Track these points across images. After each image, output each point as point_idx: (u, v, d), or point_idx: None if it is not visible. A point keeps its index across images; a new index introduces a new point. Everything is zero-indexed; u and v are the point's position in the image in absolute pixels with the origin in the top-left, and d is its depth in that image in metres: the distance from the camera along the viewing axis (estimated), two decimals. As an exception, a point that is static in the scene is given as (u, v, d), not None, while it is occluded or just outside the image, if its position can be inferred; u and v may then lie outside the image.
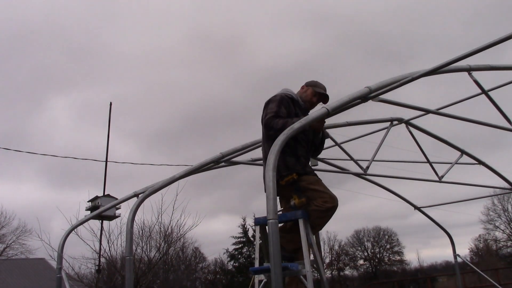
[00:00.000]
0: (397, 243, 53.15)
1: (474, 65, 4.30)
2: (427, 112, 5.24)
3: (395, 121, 5.62)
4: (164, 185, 5.31)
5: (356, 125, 5.73)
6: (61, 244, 5.68)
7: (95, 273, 15.88)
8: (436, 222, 8.11)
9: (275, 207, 2.72)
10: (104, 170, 16.57)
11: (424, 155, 6.16)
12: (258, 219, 3.75)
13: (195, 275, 43.60)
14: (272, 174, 2.78)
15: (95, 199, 16.77)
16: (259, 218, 3.74)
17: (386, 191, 7.44)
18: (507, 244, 43.43)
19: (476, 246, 46.17)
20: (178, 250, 31.51)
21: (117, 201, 6.63)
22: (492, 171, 6.96)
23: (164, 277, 30.92)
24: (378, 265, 53.03)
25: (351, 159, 5.83)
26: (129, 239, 4.97)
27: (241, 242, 42.87)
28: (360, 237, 53.55)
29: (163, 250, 17.45)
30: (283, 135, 2.99)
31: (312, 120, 3.28)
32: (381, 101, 3.83)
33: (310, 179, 3.86)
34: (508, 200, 41.39)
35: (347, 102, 3.52)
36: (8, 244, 33.71)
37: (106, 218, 15.79)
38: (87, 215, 7.27)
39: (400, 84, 3.74)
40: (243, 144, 5.36)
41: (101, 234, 15.24)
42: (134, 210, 5.04)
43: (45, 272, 27.70)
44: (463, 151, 6.45)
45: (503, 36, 3.64)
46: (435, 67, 3.78)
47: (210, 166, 5.41)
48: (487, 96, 4.70)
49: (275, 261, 2.59)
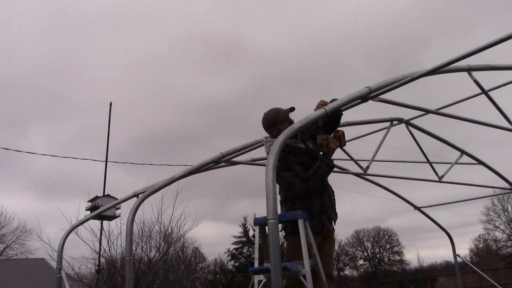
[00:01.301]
0: (397, 243, 53.20)
1: (474, 65, 4.29)
2: (427, 112, 5.23)
3: (395, 121, 5.62)
4: (164, 185, 5.30)
5: (356, 125, 5.72)
6: (61, 244, 5.68)
7: (95, 273, 15.88)
8: (436, 222, 8.11)
9: (275, 207, 2.71)
10: (104, 170, 16.60)
11: (424, 155, 6.16)
12: (258, 219, 3.74)
13: (195, 275, 43.61)
14: (272, 174, 2.76)
15: (95, 199, 16.77)
16: (259, 218, 3.72)
17: (386, 191, 7.44)
18: (507, 244, 43.42)
19: (476, 246, 46.21)
20: (178, 250, 31.54)
21: (117, 201, 6.62)
22: (492, 171, 6.96)
23: (164, 277, 30.91)
24: (378, 265, 53.03)
25: (351, 159, 5.82)
26: (129, 239, 4.96)
27: (242, 242, 42.90)
28: (360, 237, 53.58)
29: (163, 250, 17.45)
30: (283, 135, 2.98)
31: (312, 120, 3.26)
32: (381, 101, 3.82)
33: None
34: (508, 200, 41.41)
35: (347, 102, 3.51)
36: (8, 244, 33.70)
37: (106, 218, 15.79)
38: (87, 215, 7.27)
39: (400, 84, 3.74)
40: (243, 144, 5.36)
41: (101, 234, 15.25)
42: (134, 210, 5.03)
43: (45, 272, 27.68)
44: (463, 151, 6.44)
45: (503, 36, 3.63)
46: (435, 67, 3.78)
47: (210, 166, 5.40)
48: (487, 96, 4.69)
49: (275, 261, 2.59)
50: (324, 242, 3.88)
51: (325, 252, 3.85)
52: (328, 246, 3.93)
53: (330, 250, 3.96)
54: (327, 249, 3.90)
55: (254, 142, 5.35)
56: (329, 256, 3.93)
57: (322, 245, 3.82)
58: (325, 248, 3.87)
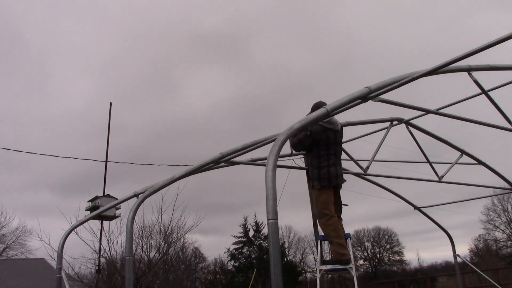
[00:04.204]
0: (397, 243, 53.23)
1: (474, 65, 4.29)
2: (427, 112, 5.23)
3: (395, 121, 5.62)
4: (164, 185, 5.31)
5: (356, 125, 5.73)
6: (61, 244, 5.69)
7: (95, 273, 15.86)
8: (436, 222, 8.11)
9: (275, 207, 2.71)
10: (104, 170, 16.57)
11: (424, 155, 6.16)
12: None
13: (195, 275, 43.60)
14: (272, 174, 2.76)
15: (95, 199, 16.73)
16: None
17: (386, 191, 7.45)
18: (507, 244, 43.41)
19: (476, 246, 46.19)
20: (178, 250, 31.54)
21: (117, 201, 6.62)
22: (492, 171, 6.96)
23: (164, 277, 30.91)
24: (378, 265, 53.03)
25: (351, 159, 5.83)
26: (129, 239, 4.97)
27: (242, 242, 42.89)
28: (360, 237, 53.55)
29: (163, 250, 17.44)
30: (283, 135, 3.00)
31: (312, 120, 3.28)
32: (381, 101, 3.82)
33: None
34: (508, 200, 41.41)
35: (347, 102, 3.52)
36: (8, 244, 33.66)
37: (106, 218, 15.74)
38: (87, 215, 7.26)
39: (400, 84, 3.74)
40: (243, 144, 5.36)
41: (101, 234, 15.23)
42: (134, 210, 5.04)
43: (45, 272, 27.70)
44: (463, 151, 6.44)
45: (503, 36, 3.63)
46: (435, 67, 3.78)
47: (210, 166, 5.41)
48: (487, 96, 4.69)
49: (275, 261, 2.59)
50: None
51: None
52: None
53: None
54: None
55: (254, 142, 5.35)
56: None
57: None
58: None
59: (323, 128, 5.08)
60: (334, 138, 5.16)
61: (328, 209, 5.00)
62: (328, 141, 5.11)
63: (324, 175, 5.03)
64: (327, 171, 5.05)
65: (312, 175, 5.10)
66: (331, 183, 5.06)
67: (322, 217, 5.01)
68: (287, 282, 37.66)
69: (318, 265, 5.12)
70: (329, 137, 5.11)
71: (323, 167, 5.05)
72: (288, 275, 38.67)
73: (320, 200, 5.03)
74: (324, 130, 5.08)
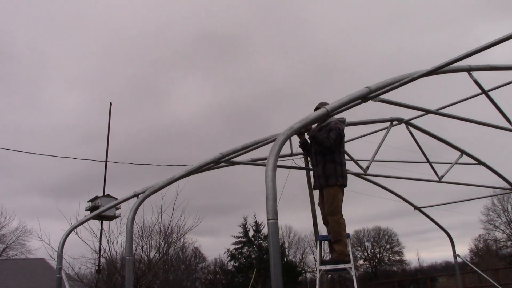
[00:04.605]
0: (397, 243, 53.20)
1: (474, 65, 4.30)
2: (427, 112, 5.24)
3: (395, 121, 5.62)
4: (164, 185, 5.31)
5: (356, 125, 5.73)
6: (61, 244, 5.69)
7: (95, 273, 15.86)
8: (436, 222, 8.11)
9: (275, 207, 2.71)
10: (104, 170, 16.57)
11: (424, 155, 6.16)
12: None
13: (195, 275, 43.58)
14: (272, 174, 2.76)
15: (95, 199, 16.73)
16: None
17: (386, 191, 7.45)
18: (507, 244, 43.39)
19: (476, 246, 46.17)
20: (178, 250, 31.53)
21: (117, 201, 6.61)
22: (492, 171, 6.96)
23: (164, 277, 30.89)
24: (378, 265, 53.02)
25: (351, 159, 5.83)
26: (129, 239, 4.97)
27: (242, 242, 42.87)
28: (360, 237, 53.54)
29: (163, 250, 17.43)
30: (283, 135, 3.00)
31: (312, 120, 3.28)
32: (381, 101, 3.82)
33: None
34: (508, 200, 41.38)
35: (347, 102, 3.52)
36: (8, 244, 33.65)
37: (106, 218, 15.74)
38: (87, 215, 7.26)
39: (400, 84, 3.74)
40: (243, 144, 5.36)
41: (101, 234, 15.23)
42: (134, 210, 5.04)
43: (45, 272, 27.70)
44: (463, 151, 6.45)
45: (503, 36, 3.64)
46: (435, 67, 3.78)
47: (210, 166, 5.41)
48: (487, 96, 4.69)
49: (275, 261, 2.59)
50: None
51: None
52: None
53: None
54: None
55: (254, 142, 5.35)
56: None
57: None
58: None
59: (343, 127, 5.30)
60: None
61: (341, 208, 5.13)
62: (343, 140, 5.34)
63: (345, 173, 5.22)
64: (345, 170, 5.26)
65: (336, 172, 5.13)
66: (346, 183, 5.26)
67: (336, 214, 5.07)
68: (287, 282, 37.64)
69: (317, 265, 5.13)
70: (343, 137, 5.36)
71: (344, 165, 5.24)
72: (288, 275, 38.66)
73: (338, 198, 5.11)
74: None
